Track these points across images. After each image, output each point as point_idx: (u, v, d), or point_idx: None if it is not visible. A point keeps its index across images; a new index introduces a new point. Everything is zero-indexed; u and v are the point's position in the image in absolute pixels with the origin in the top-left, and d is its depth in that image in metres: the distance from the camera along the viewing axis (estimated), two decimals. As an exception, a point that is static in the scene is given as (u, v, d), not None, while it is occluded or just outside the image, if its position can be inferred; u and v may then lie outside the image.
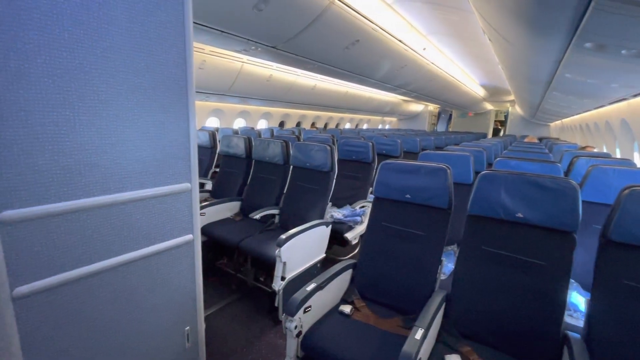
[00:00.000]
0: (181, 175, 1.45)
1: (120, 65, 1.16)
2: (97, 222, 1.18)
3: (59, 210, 1.07)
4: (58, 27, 1.00)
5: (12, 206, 0.98)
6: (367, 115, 13.52)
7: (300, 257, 2.28)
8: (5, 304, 0.99)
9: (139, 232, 1.32)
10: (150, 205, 1.35)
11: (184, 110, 1.41)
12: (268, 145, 3.09)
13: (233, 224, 2.82)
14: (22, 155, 0.98)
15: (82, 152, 1.11)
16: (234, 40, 3.04)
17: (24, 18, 0.93)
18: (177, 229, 1.47)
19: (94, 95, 1.11)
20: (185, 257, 1.54)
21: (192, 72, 1.41)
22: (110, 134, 1.17)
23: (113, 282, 1.26)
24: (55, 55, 1.00)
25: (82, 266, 1.16)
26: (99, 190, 1.17)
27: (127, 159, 1.23)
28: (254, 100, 7.23)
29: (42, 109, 1.00)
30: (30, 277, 1.04)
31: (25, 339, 1.05)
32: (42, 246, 1.05)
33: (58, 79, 1.02)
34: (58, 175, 1.06)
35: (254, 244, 2.40)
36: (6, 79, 0.92)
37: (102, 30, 1.10)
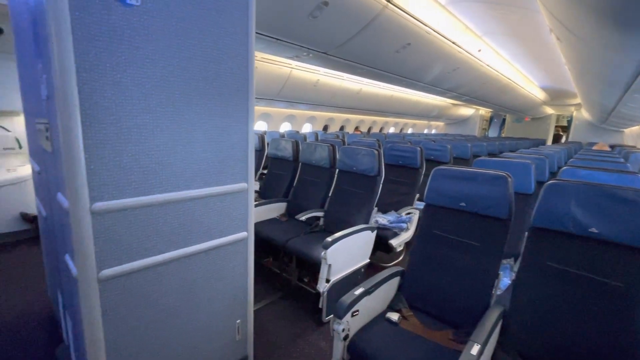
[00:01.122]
0: (239, 175, 1.54)
1: (193, 74, 1.27)
2: (167, 216, 1.30)
3: (137, 204, 1.20)
4: (145, 41, 1.12)
5: (102, 198, 1.11)
6: (413, 119, 13.16)
7: (345, 261, 2.29)
8: (93, 284, 1.13)
9: (200, 227, 1.43)
10: (212, 203, 1.45)
11: (245, 114, 1.50)
12: (315, 148, 3.15)
13: (279, 224, 2.91)
14: (112, 154, 1.11)
15: (158, 153, 1.23)
16: (287, 47, 3.17)
17: (119, 35, 1.06)
18: (233, 226, 1.56)
19: (170, 102, 1.23)
20: (239, 253, 1.63)
21: (253, 79, 1.50)
22: (182, 137, 1.28)
23: (178, 272, 1.38)
24: (142, 66, 1.13)
25: (154, 255, 1.29)
26: (170, 187, 1.29)
27: (194, 160, 1.34)
28: (300, 105, 7.41)
29: (128, 113, 1.13)
30: (112, 262, 1.17)
31: (105, 316, 1.19)
32: (122, 235, 1.19)
33: (143, 87, 1.15)
34: (138, 172, 1.19)
35: (300, 245, 2.46)
36: (104, 88, 1.06)
37: (180, 43, 1.21)
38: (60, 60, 0.96)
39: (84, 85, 1.02)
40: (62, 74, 0.97)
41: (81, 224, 1.08)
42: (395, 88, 8.12)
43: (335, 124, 9.76)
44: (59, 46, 0.95)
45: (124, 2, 1.06)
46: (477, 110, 14.67)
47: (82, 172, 1.05)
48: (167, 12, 1.16)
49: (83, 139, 1.04)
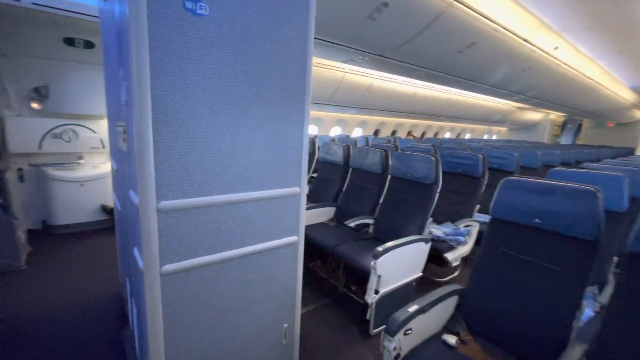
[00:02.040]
0: (293, 179, 1.54)
1: (254, 78, 1.30)
2: (224, 216, 1.34)
3: (198, 204, 1.25)
4: (211, 48, 1.17)
5: (167, 197, 1.18)
6: (471, 124, 12.31)
7: (395, 273, 2.18)
8: (155, 278, 1.20)
9: (254, 229, 1.45)
10: (266, 206, 1.47)
11: (301, 119, 1.49)
12: (367, 153, 3.07)
13: (328, 229, 2.88)
14: (178, 155, 1.17)
15: (219, 155, 1.27)
16: (343, 51, 3.15)
17: (188, 43, 1.12)
18: (285, 229, 1.57)
19: (232, 106, 1.26)
20: (290, 256, 1.62)
21: (310, 84, 1.49)
22: (241, 140, 1.32)
23: (233, 272, 1.41)
24: (208, 72, 1.18)
25: (211, 254, 1.33)
26: (228, 188, 1.32)
27: (251, 163, 1.37)
28: (351, 109, 7.37)
29: (194, 117, 1.18)
30: (174, 257, 1.24)
31: (166, 309, 1.25)
32: (184, 233, 1.25)
33: (208, 92, 1.20)
34: (200, 173, 1.24)
35: (348, 252, 2.40)
36: (173, 94, 1.12)
37: (243, 49, 1.25)
38: (138, 68, 1.03)
39: (156, 91, 1.08)
40: (139, 81, 1.04)
41: (148, 221, 1.15)
42: (454, 91, 7.67)
43: (387, 128, 9.52)
44: (137, 55, 1.03)
45: (195, 12, 1.12)
46: (546, 115, 13.24)
47: (151, 172, 1.12)
48: (233, 20, 1.20)
49: (153, 141, 1.11)
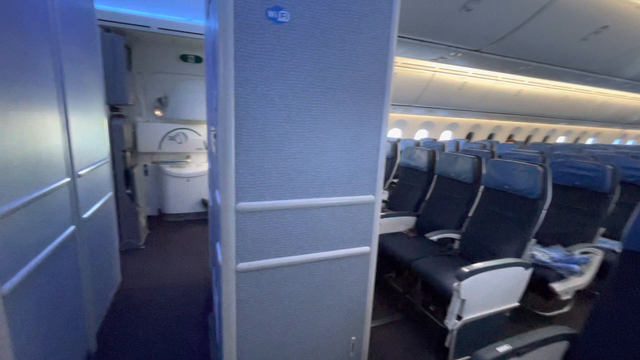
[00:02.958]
0: (367, 186, 1.46)
1: (331, 83, 1.27)
2: (297, 221, 1.35)
3: (273, 207, 1.28)
4: (291, 54, 1.19)
5: (245, 199, 1.24)
6: (596, 126, 10.13)
7: (484, 299, 1.88)
8: (231, 274, 1.27)
9: (325, 236, 1.42)
10: (338, 213, 1.42)
11: (378, 123, 1.41)
12: (456, 160, 2.77)
13: (407, 240, 2.69)
14: (256, 159, 1.22)
15: (294, 160, 1.28)
16: (432, 48, 2.92)
17: (269, 50, 1.16)
18: (356, 238, 1.50)
19: (308, 111, 1.26)
20: (361, 267, 1.55)
21: (390, 86, 1.39)
22: (316, 145, 1.30)
23: (302, 277, 1.41)
24: (286, 78, 1.20)
25: (283, 256, 1.35)
26: (302, 193, 1.33)
27: (325, 168, 1.35)
28: (440, 111, 6.83)
29: (272, 122, 1.22)
30: (248, 256, 1.29)
31: (239, 304, 1.32)
32: (258, 234, 1.29)
33: (285, 98, 1.22)
34: (276, 177, 1.27)
35: (428, 268, 2.18)
36: (254, 100, 1.17)
37: (321, 53, 1.23)
38: (224, 77, 1.11)
39: (239, 99, 1.15)
40: (225, 89, 1.12)
41: (227, 219, 1.22)
42: (573, 87, 6.40)
43: (482, 131, 8.54)
44: (224, 65, 1.10)
45: (276, 20, 1.14)
46: None
47: (232, 174, 1.19)
48: (312, 24, 1.19)
49: (235, 145, 1.17)
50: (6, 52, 1.10)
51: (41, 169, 1.32)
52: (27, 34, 1.24)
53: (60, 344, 1.45)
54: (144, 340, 2.00)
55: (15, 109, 1.14)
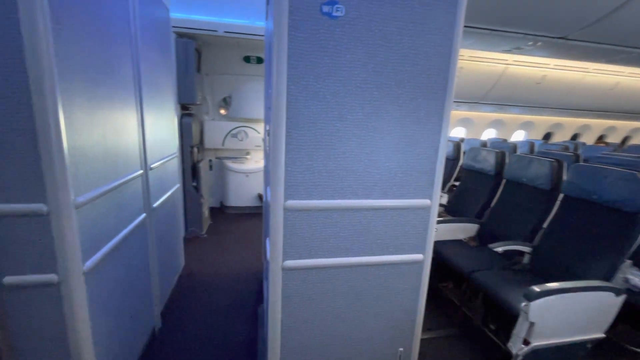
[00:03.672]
0: (423, 190, 1.35)
1: (386, 78, 1.20)
2: (345, 222, 1.31)
3: (321, 207, 1.26)
4: (345, 50, 1.14)
5: (293, 197, 1.24)
6: None
7: (559, 325, 1.63)
8: (278, 270, 1.29)
9: (374, 240, 1.36)
10: (388, 216, 1.35)
11: (438, 122, 1.29)
12: (530, 163, 2.45)
13: (467, 249, 2.47)
14: (305, 158, 1.21)
15: (344, 159, 1.24)
16: (505, 38, 2.61)
17: (323, 47, 1.13)
18: (409, 245, 1.40)
19: (361, 108, 1.21)
20: (413, 275, 1.45)
21: (453, 81, 1.27)
22: (368, 144, 1.24)
23: (348, 279, 1.37)
24: (339, 75, 1.16)
25: (329, 257, 1.33)
26: (350, 194, 1.28)
27: (376, 169, 1.28)
28: (512, 108, 6.16)
29: (323, 120, 1.19)
30: (295, 255, 1.29)
31: (284, 300, 1.33)
32: (305, 233, 1.28)
33: (337, 95, 1.18)
34: (325, 177, 1.24)
35: (492, 281, 1.97)
36: (306, 98, 1.15)
37: (376, 47, 1.17)
38: (278, 74, 1.11)
39: (291, 96, 1.14)
40: (277, 86, 1.12)
41: (276, 216, 1.23)
42: (691, 78, 5.26)
43: (564, 131, 7.50)
44: (278, 62, 1.10)
45: (331, 15, 1.11)
46: None
47: (282, 172, 1.20)
48: (368, 17, 1.13)
49: (285, 143, 1.17)
50: (94, 58, 1.24)
51: (119, 162, 1.48)
52: (111, 42, 1.39)
53: (131, 318, 1.62)
54: (201, 322, 2.15)
55: (100, 108, 1.29)
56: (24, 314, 1.12)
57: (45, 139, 1.01)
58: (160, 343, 1.93)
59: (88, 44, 1.20)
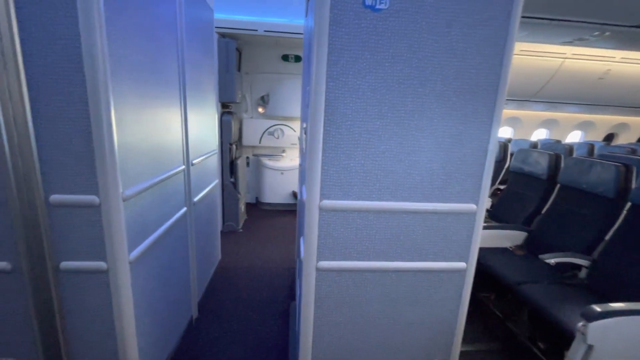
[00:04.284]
0: (468, 194, 1.26)
1: (431, 73, 1.12)
2: (381, 224, 1.25)
3: (357, 207, 1.22)
4: (387, 44, 1.09)
5: (329, 197, 1.21)
6: None
7: (625, 352, 1.45)
8: (312, 270, 1.27)
9: (412, 245, 1.29)
10: (429, 220, 1.27)
11: (487, 121, 1.19)
12: (590, 167, 2.21)
13: (513, 259, 2.29)
14: (343, 157, 1.17)
15: (382, 159, 1.19)
16: (567, 28, 2.35)
17: (364, 42, 1.08)
18: (450, 252, 1.32)
19: (403, 106, 1.14)
20: (453, 284, 1.36)
21: (506, 77, 1.16)
22: (409, 143, 1.18)
23: (383, 284, 1.32)
24: (380, 70, 1.11)
25: (364, 260, 1.28)
26: (388, 195, 1.23)
27: (417, 170, 1.21)
28: (569, 106, 5.63)
29: (362, 118, 1.15)
30: (329, 255, 1.26)
31: (317, 302, 1.31)
32: (340, 234, 1.25)
33: (378, 92, 1.13)
34: (362, 177, 1.20)
35: (541, 296, 1.80)
36: (344, 95, 1.12)
37: (421, 41, 1.10)
38: (317, 71, 1.09)
39: (329, 93, 1.11)
40: (316, 84, 1.10)
41: (311, 216, 1.21)
42: None
43: (631, 132, 6.72)
44: (317, 58, 1.08)
45: (374, 8, 1.06)
46: None
47: (318, 170, 1.17)
48: (414, 9, 1.07)
49: (323, 141, 1.15)
50: (143, 57, 1.30)
51: (163, 157, 1.55)
52: (159, 42, 1.46)
53: (171, 307, 1.70)
54: (235, 315, 2.20)
55: (147, 106, 1.36)
56: (77, 297, 1.21)
57: (98, 134, 1.07)
58: (196, 332, 2.01)
59: (138, 43, 1.26)
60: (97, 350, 1.28)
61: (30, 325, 1.22)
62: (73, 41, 1.01)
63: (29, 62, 1.02)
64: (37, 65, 1.03)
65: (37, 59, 1.02)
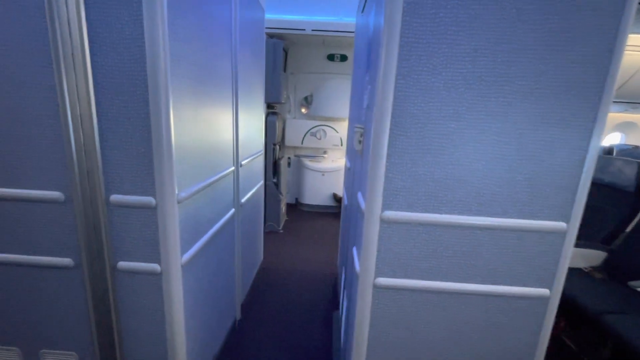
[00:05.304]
0: (556, 210, 1.07)
1: (521, 69, 0.96)
2: (449, 241, 1.11)
3: (423, 221, 1.09)
4: (469, 36, 0.95)
5: (391, 207, 1.09)
6: None
7: None
8: (368, 287, 1.16)
9: (485, 266, 1.13)
10: (507, 239, 1.10)
11: (588, 124, 1.00)
12: (696, 181, 1.85)
13: (590, 282, 1.99)
14: (409, 163, 1.05)
15: (455, 167, 1.04)
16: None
17: (442, 33, 0.95)
18: (530, 276, 1.13)
19: (484, 106, 0.99)
20: (531, 313, 1.17)
21: (615, 74, 0.96)
22: (487, 150, 1.02)
23: (447, 307, 1.17)
24: (459, 66, 0.97)
25: (426, 280, 1.15)
26: (460, 209, 1.08)
27: (495, 180, 1.05)
28: (650, 107, 4.91)
29: (433, 120, 1.01)
30: (388, 272, 1.15)
31: (373, 321, 1.19)
32: (402, 249, 1.12)
33: (454, 91, 0.99)
34: (430, 186, 1.07)
35: (628, 330, 1.53)
36: (415, 94, 0.99)
37: (511, 30, 0.94)
38: (385, 67, 0.97)
39: (398, 93, 0.99)
40: (384, 82, 0.98)
41: (370, 227, 1.10)
42: None
43: None
44: (387, 54, 0.96)
45: (455, -6, 0.93)
46: None
47: (381, 178, 1.06)
48: (504, -6, 0.92)
49: (388, 146, 1.03)
50: (200, 56, 1.28)
51: (216, 158, 1.53)
52: (214, 42, 1.43)
53: (217, 309, 1.68)
54: (277, 320, 2.15)
55: (202, 106, 1.33)
56: (131, 297, 1.21)
57: (157, 134, 1.05)
58: (239, 335, 1.99)
59: (196, 43, 1.23)
60: (148, 351, 1.28)
61: (88, 320, 1.24)
62: (137, 40, 1.00)
63: (95, 61, 1.02)
64: (102, 65, 1.03)
65: (102, 58, 1.02)
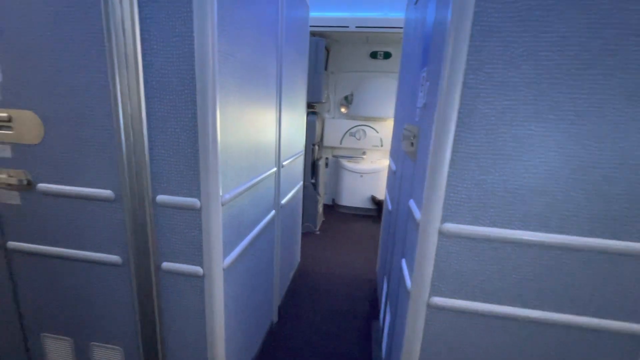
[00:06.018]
0: (662, 231, 0.88)
1: (623, 60, 0.79)
2: (522, 260, 0.96)
3: (490, 236, 0.95)
4: (557, 21, 0.80)
5: (453, 220, 0.96)
6: None
7: None
8: (422, 307, 1.04)
9: (565, 291, 0.96)
10: (596, 262, 0.93)
11: None
12: None
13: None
14: (477, 171, 0.92)
15: (533, 175, 0.89)
16: None
17: (524, 19, 0.81)
18: (625, 308, 0.95)
19: (572, 104, 0.83)
20: (626, 354, 0.98)
21: None
22: (576, 155, 0.86)
23: (515, 337, 1.02)
24: (542, 58, 0.82)
25: (491, 303, 1.00)
26: (536, 224, 0.92)
27: (586, 192, 0.88)
28: None
29: (509, 121, 0.87)
30: (446, 291, 1.02)
31: (424, 346, 1.07)
32: (463, 266, 0.99)
33: (536, 86, 0.84)
34: (501, 197, 0.92)
35: None
36: (487, 91, 0.86)
37: (612, 12, 0.77)
38: (452, 60, 0.85)
39: (466, 89, 0.87)
40: (450, 77, 0.86)
41: (427, 241, 0.99)
42: None
43: None
44: (454, 45, 0.84)
45: (542, -28, 0.78)
46: None
47: (442, 186, 0.94)
48: (606, -32, 0.76)
49: (451, 150, 0.91)
50: (246, 55, 1.24)
51: (258, 159, 1.49)
52: (260, 41, 1.39)
53: (255, 312, 1.65)
54: (314, 325, 2.09)
55: (247, 106, 1.30)
56: (174, 297, 1.21)
57: (204, 134, 1.02)
58: (276, 339, 1.95)
59: (242, 41, 1.20)
60: (189, 351, 1.27)
61: (134, 318, 1.26)
62: (186, 38, 0.98)
63: (147, 60, 1.01)
64: (152, 64, 1.02)
65: (153, 57, 1.01)
